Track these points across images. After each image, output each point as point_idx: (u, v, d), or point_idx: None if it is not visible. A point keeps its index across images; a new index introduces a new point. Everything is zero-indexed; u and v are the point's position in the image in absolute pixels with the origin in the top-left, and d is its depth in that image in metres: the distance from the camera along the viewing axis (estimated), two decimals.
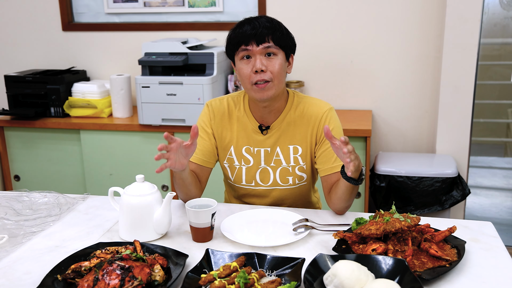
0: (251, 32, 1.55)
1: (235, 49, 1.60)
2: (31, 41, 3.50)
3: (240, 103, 1.72)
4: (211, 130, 1.72)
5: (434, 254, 1.28)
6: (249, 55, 1.58)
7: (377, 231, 1.30)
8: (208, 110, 1.73)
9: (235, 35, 1.58)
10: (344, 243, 1.37)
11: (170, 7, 3.28)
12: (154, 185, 1.51)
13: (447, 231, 1.36)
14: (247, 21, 1.59)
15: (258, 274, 1.20)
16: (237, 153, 1.71)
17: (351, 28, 3.06)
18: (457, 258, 1.28)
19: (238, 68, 1.62)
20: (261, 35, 1.55)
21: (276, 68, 1.57)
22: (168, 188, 3.03)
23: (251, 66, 1.57)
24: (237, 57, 1.61)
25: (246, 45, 1.56)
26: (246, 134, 1.70)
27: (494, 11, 3.25)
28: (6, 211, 1.69)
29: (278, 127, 1.68)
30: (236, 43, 1.58)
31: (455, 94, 2.87)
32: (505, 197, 3.67)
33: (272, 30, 1.57)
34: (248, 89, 1.61)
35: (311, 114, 1.68)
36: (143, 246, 1.35)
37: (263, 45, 1.55)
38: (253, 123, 1.70)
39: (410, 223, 1.31)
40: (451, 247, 1.34)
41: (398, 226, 1.30)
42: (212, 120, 1.72)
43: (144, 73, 2.91)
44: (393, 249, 1.29)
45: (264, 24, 1.56)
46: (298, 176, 1.71)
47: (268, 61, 1.57)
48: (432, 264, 1.26)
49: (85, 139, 3.05)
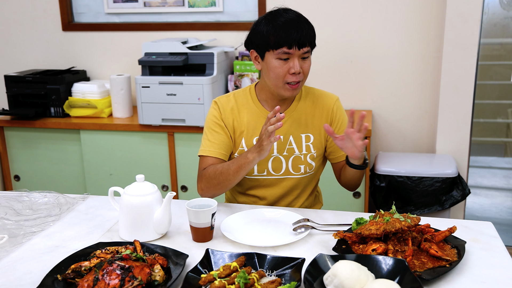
0: (295, 37, 1.58)
1: (272, 47, 1.61)
2: (31, 41, 3.50)
3: (248, 97, 1.76)
4: (223, 123, 1.74)
5: (434, 254, 1.28)
6: (288, 57, 1.61)
7: (377, 231, 1.30)
8: (217, 105, 1.76)
9: (277, 34, 1.59)
10: (344, 243, 1.37)
11: (170, 7, 3.28)
12: (154, 185, 1.51)
13: (447, 231, 1.36)
14: (287, 22, 1.59)
15: (258, 274, 1.20)
16: (248, 144, 1.73)
17: (351, 28, 3.06)
18: (457, 258, 1.28)
19: (270, 65, 1.63)
20: (304, 40, 1.59)
21: (308, 69, 1.66)
22: (168, 188, 3.03)
23: (287, 67, 1.61)
24: (271, 54, 1.62)
25: (289, 48, 1.59)
26: (257, 124, 1.73)
27: (494, 11, 3.25)
28: (6, 211, 1.69)
29: (289, 115, 1.74)
30: (277, 44, 1.59)
31: (455, 94, 2.86)
32: (505, 197, 3.67)
33: (312, 35, 1.63)
34: (278, 86, 1.65)
35: (323, 105, 1.77)
36: (143, 246, 1.35)
37: (303, 49, 1.61)
38: (264, 112, 1.74)
39: (410, 223, 1.31)
40: (451, 247, 1.34)
41: (398, 226, 1.30)
42: (222, 115, 1.74)
43: (144, 73, 2.91)
44: (393, 249, 1.29)
45: (305, 27, 1.60)
46: (309, 165, 1.75)
47: (303, 63, 1.63)
48: (432, 264, 1.26)
49: (85, 139, 3.05)
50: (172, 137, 2.93)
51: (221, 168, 1.63)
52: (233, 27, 3.21)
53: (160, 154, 2.98)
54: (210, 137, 1.73)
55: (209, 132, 1.74)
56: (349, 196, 2.81)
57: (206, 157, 1.71)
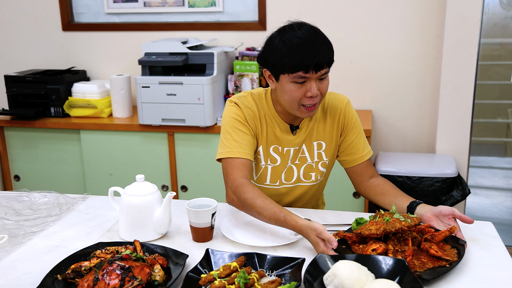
0: (312, 62, 1.47)
1: (288, 71, 1.50)
2: (31, 41, 3.50)
3: (264, 104, 1.68)
4: (247, 121, 1.64)
5: (434, 254, 1.28)
6: (304, 81, 1.52)
7: (377, 231, 1.30)
8: (238, 106, 1.65)
9: (293, 58, 1.47)
10: (344, 243, 1.37)
11: (170, 7, 3.28)
12: (154, 185, 1.51)
13: (447, 231, 1.35)
14: (304, 44, 1.47)
15: (258, 274, 1.20)
16: (265, 152, 1.68)
17: (351, 28, 3.06)
18: (457, 258, 1.28)
19: (285, 88, 1.53)
20: (322, 62, 1.49)
21: (326, 90, 1.57)
22: (168, 188, 3.03)
23: (304, 91, 1.52)
24: (286, 76, 1.52)
25: (306, 72, 1.49)
26: (275, 134, 1.67)
27: (494, 11, 3.25)
28: (6, 211, 1.69)
29: (306, 125, 1.69)
30: (293, 68, 1.48)
31: (455, 94, 2.86)
32: (505, 197, 3.67)
33: (330, 55, 1.52)
34: (294, 109, 1.56)
35: (334, 108, 1.71)
36: (143, 246, 1.35)
37: (321, 72, 1.51)
38: (281, 123, 1.67)
39: (410, 223, 1.31)
40: (451, 247, 1.34)
41: (398, 226, 1.30)
42: (246, 114, 1.64)
43: (144, 73, 2.91)
44: (393, 249, 1.29)
45: (322, 49, 1.49)
46: (320, 172, 1.72)
47: (320, 84, 1.54)
48: (432, 264, 1.26)
49: (85, 139, 3.05)
50: (172, 137, 2.93)
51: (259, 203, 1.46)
52: (233, 27, 3.21)
53: (160, 154, 2.98)
54: (236, 136, 1.60)
55: (233, 131, 1.61)
56: (349, 196, 2.81)
57: (234, 159, 1.58)
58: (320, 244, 1.31)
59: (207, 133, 2.88)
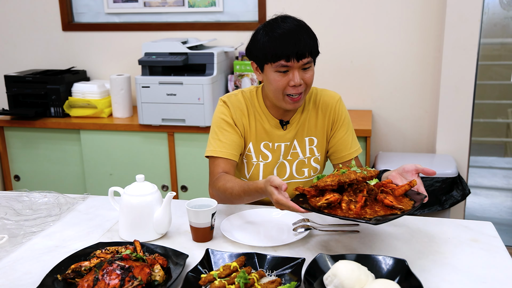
0: (293, 49, 1.51)
1: (270, 60, 1.55)
2: (31, 41, 3.50)
3: (254, 100, 1.71)
4: (233, 122, 1.68)
5: (388, 204, 1.26)
6: (287, 70, 1.55)
7: (332, 182, 1.30)
8: (226, 105, 1.69)
9: (274, 47, 1.52)
10: (302, 196, 1.36)
11: (170, 7, 3.28)
12: (154, 185, 1.51)
13: (406, 184, 1.32)
14: (285, 33, 1.52)
15: (258, 274, 1.20)
16: (256, 149, 1.70)
17: (351, 28, 3.06)
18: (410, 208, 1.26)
19: (269, 78, 1.58)
20: (303, 51, 1.52)
21: (310, 80, 1.59)
22: (168, 188, 3.03)
23: (287, 80, 1.55)
24: (270, 66, 1.56)
25: (287, 61, 1.52)
26: (265, 130, 1.70)
27: (494, 11, 3.25)
28: (6, 211, 1.69)
29: (296, 121, 1.71)
30: (274, 56, 1.53)
31: (455, 94, 2.86)
32: (505, 197, 3.67)
33: (312, 45, 1.54)
34: (279, 99, 1.60)
35: (325, 104, 1.72)
36: (143, 246, 1.35)
37: (303, 60, 1.54)
38: (271, 119, 1.70)
39: (366, 174, 1.30)
40: (410, 200, 1.31)
41: (353, 177, 1.29)
42: (233, 113, 1.68)
43: (144, 73, 2.91)
44: (347, 199, 1.28)
45: (304, 38, 1.52)
46: (313, 168, 1.74)
47: (304, 74, 1.56)
48: (384, 212, 1.25)
49: (85, 139, 3.05)
50: (172, 137, 2.93)
51: (229, 185, 1.55)
52: (233, 27, 3.21)
53: (160, 154, 2.98)
54: (221, 136, 1.66)
55: (219, 131, 1.67)
56: None
57: (217, 158, 1.65)
58: (274, 192, 1.32)
59: (207, 133, 2.88)
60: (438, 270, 1.28)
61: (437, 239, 1.44)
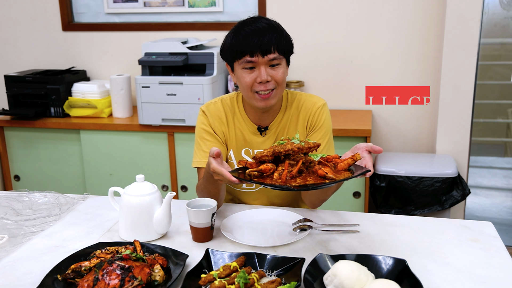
0: (256, 43, 1.50)
1: (236, 58, 1.56)
2: (31, 41, 3.50)
3: (234, 106, 1.71)
4: (213, 130, 1.69)
5: (321, 174, 1.25)
6: (253, 66, 1.55)
7: (268, 152, 1.30)
8: (205, 115, 1.70)
9: (238, 42, 1.53)
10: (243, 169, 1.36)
11: (170, 7, 3.28)
12: (154, 185, 1.51)
13: (349, 158, 1.30)
14: (248, 27, 1.53)
15: (258, 274, 1.20)
16: (236, 156, 1.70)
17: (351, 28, 3.06)
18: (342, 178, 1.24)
19: (238, 76, 1.58)
20: (267, 45, 1.51)
21: (280, 77, 1.56)
22: (168, 188, 3.03)
23: (254, 76, 1.55)
24: (238, 64, 1.57)
25: (251, 56, 1.52)
26: (244, 137, 1.69)
27: (494, 11, 3.25)
28: (6, 211, 1.69)
29: (276, 127, 1.69)
30: (239, 52, 1.54)
31: (455, 94, 2.86)
32: (505, 197, 3.67)
33: (278, 39, 1.53)
34: (249, 97, 1.60)
35: (306, 109, 1.69)
36: (143, 246, 1.35)
37: (269, 56, 1.52)
38: (250, 125, 1.69)
39: (303, 145, 1.29)
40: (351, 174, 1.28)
41: (288, 147, 1.29)
42: (211, 122, 1.70)
43: (144, 73, 2.91)
44: (280, 169, 1.28)
45: (269, 33, 1.51)
46: None
47: (272, 70, 1.55)
48: (313, 181, 1.24)
49: (85, 139, 3.05)
50: (172, 137, 2.93)
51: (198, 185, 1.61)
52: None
53: (160, 154, 2.98)
54: (203, 146, 1.68)
55: (201, 142, 1.69)
56: (349, 196, 2.81)
57: (202, 168, 1.66)
58: (212, 161, 1.35)
59: None
60: (438, 270, 1.28)
61: (437, 239, 1.44)
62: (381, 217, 1.60)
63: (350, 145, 1.42)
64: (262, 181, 1.26)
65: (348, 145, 1.81)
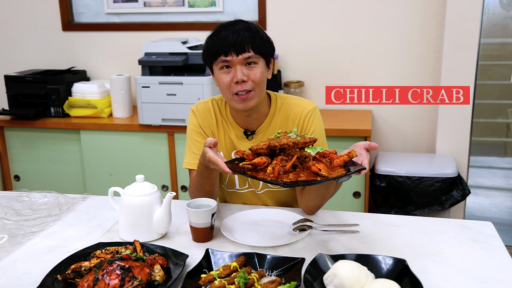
0: (230, 42, 1.50)
1: (213, 59, 1.55)
2: (31, 41, 3.50)
3: (223, 109, 1.70)
4: (203, 131, 1.69)
5: (314, 171, 1.25)
6: (228, 65, 1.53)
7: (264, 145, 1.31)
8: (195, 114, 1.70)
9: (213, 43, 1.54)
10: (239, 160, 1.36)
11: (170, 7, 3.28)
12: (154, 185, 1.51)
13: (345, 155, 1.29)
14: (224, 29, 1.53)
15: (258, 274, 1.20)
16: (227, 158, 1.68)
17: (351, 28, 3.06)
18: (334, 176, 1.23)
19: (217, 78, 1.57)
20: (240, 44, 1.50)
21: (257, 77, 1.53)
22: (168, 188, 3.03)
23: (231, 76, 1.53)
24: (215, 66, 1.56)
25: (226, 55, 1.51)
26: (231, 140, 1.68)
27: (494, 11, 3.25)
28: (6, 211, 1.69)
29: (263, 132, 1.67)
30: (214, 53, 1.53)
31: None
32: (505, 197, 3.67)
33: (252, 38, 1.51)
34: (229, 99, 1.58)
35: (295, 113, 1.65)
36: (143, 246, 1.35)
37: (243, 55, 1.51)
38: (236, 129, 1.68)
39: (299, 140, 1.29)
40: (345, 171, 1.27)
41: (284, 141, 1.29)
42: (201, 122, 1.69)
43: (144, 73, 2.91)
44: (274, 163, 1.28)
45: (243, 32, 1.50)
46: None
47: (249, 70, 1.53)
48: (306, 178, 1.23)
49: (85, 139, 3.05)
50: (172, 137, 2.93)
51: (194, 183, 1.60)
52: None
53: (160, 154, 2.98)
54: (194, 148, 1.68)
55: (192, 143, 1.68)
56: (349, 196, 2.81)
57: (193, 170, 1.67)
58: (208, 151, 1.37)
59: None
60: (438, 270, 1.28)
61: (437, 239, 1.44)
62: (381, 217, 1.60)
63: (350, 145, 1.42)
64: (255, 174, 1.26)
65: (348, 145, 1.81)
